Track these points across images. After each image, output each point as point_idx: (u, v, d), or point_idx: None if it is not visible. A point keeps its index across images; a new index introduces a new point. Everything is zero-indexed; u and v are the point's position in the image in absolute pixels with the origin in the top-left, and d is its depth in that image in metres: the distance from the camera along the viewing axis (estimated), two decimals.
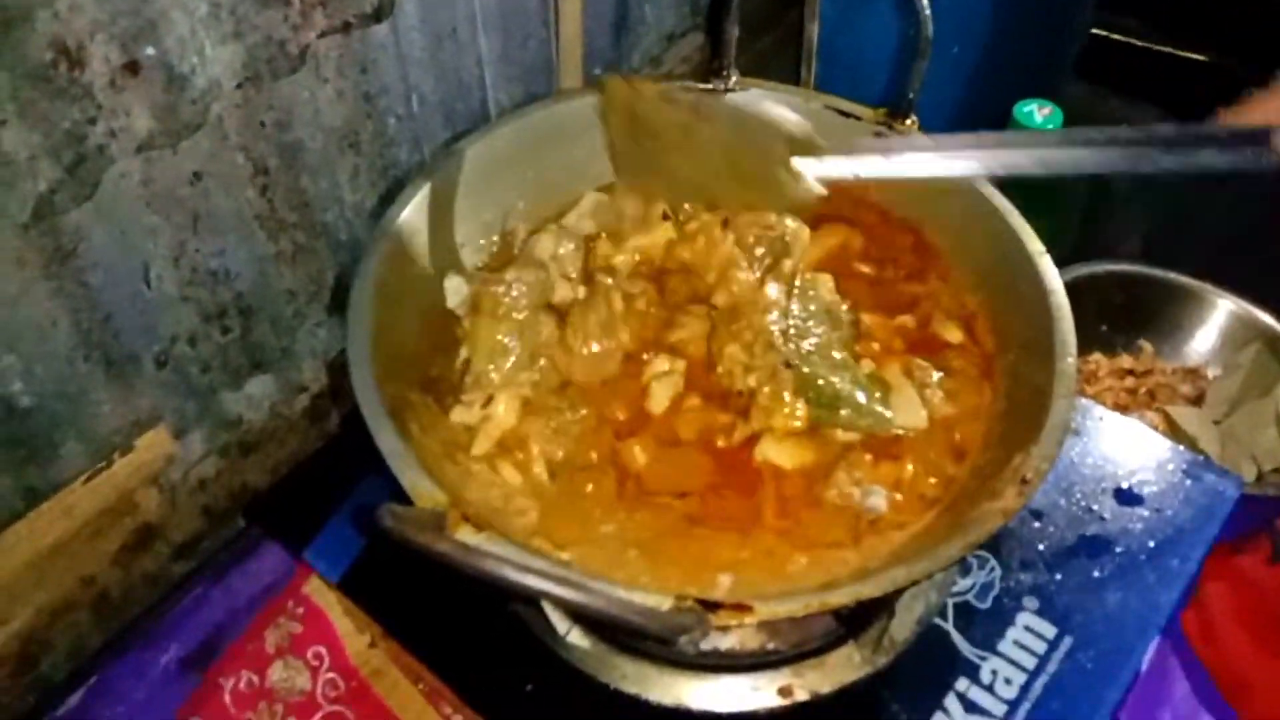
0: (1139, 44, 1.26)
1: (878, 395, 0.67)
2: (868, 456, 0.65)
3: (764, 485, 0.64)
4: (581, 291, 0.69)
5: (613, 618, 0.46)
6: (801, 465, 0.65)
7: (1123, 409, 1.03)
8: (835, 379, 0.66)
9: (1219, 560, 0.81)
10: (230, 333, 0.83)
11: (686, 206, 0.78)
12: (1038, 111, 0.97)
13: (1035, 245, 0.67)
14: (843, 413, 0.66)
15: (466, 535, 0.51)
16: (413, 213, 0.70)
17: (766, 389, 0.66)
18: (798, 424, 0.66)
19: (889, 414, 0.66)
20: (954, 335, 0.72)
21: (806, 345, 0.67)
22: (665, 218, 0.77)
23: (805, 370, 0.66)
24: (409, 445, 0.56)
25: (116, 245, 0.71)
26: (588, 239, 0.76)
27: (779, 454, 0.65)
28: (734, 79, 0.78)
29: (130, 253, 0.73)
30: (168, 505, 0.84)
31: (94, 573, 0.81)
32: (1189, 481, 0.79)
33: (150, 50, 0.67)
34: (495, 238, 0.77)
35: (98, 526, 0.79)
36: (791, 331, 0.67)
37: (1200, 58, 1.22)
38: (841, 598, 0.52)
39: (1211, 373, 1.09)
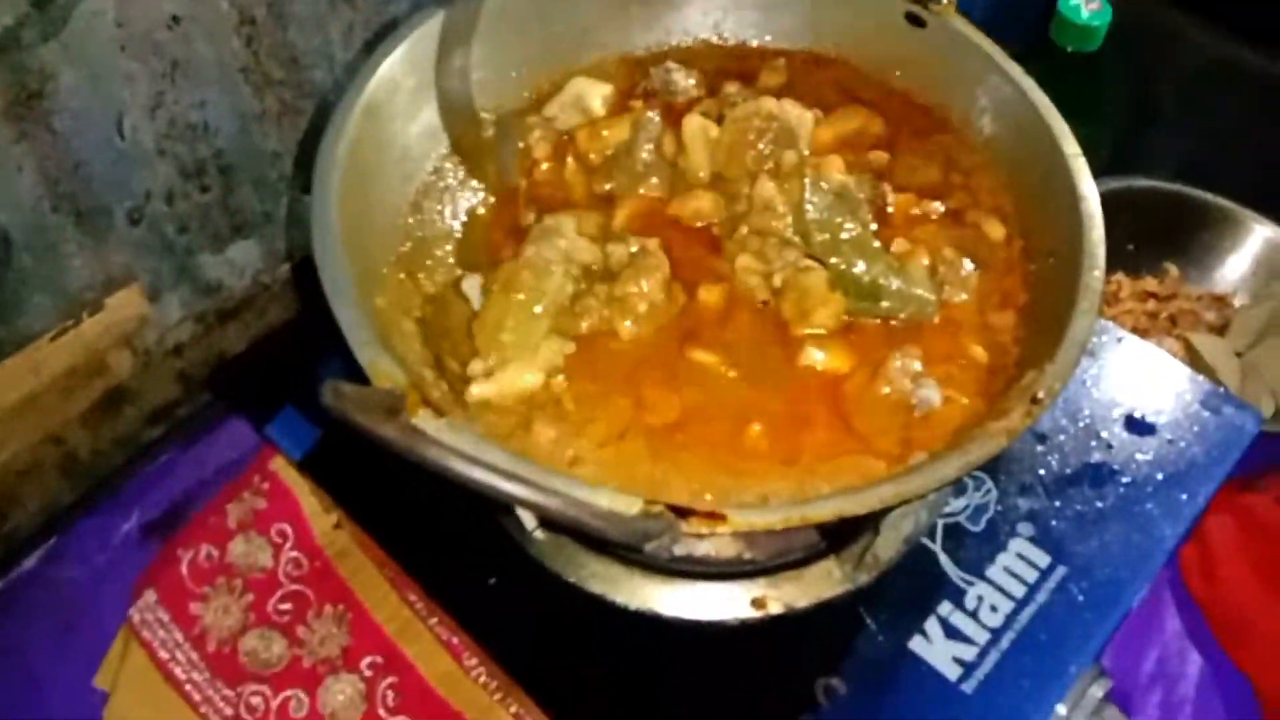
0: None
1: (916, 278, 0.62)
2: (915, 347, 0.61)
3: (811, 394, 0.60)
4: (615, 251, 0.63)
5: (572, 520, 0.43)
6: (852, 365, 0.61)
7: (1142, 333, 0.99)
8: (867, 267, 0.62)
9: (1226, 496, 0.78)
10: (210, 192, 0.80)
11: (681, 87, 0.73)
12: (1085, 5, 0.89)
13: (1071, 147, 0.61)
14: (884, 303, 0.62)
15: (425, 421, 0.47)
16: (396, 64, 0.64)
17: (794, 292, 0.61)
18: (836, 320, 0.62)
19: (932, 296, 0.62)
20: (995, 230, 0.66)
21: (826, 237, 0.62)
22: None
23: (834, 262, 0.61)
24: (372, 320, 0.52)
25: (87, 89, 0.68)
26: (568, 134, 0.72)
27: (826, 357, 0.61)
28: None
29: (102, 99, 0.69)
30: (140, 368, 0.83)
31: (62, 432, 0.79)
32: (1205, 413, 0.74)
33: None
34: (487, 102, 0.71)
35: (66, 385, 0.77)
36: (813, 224, 0.62)
37: None
38: (822, 512, 0.49)
39: (1239, 301, 1.05)
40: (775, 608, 0.65)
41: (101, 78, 0.68)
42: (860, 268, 0.61)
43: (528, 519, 0.63)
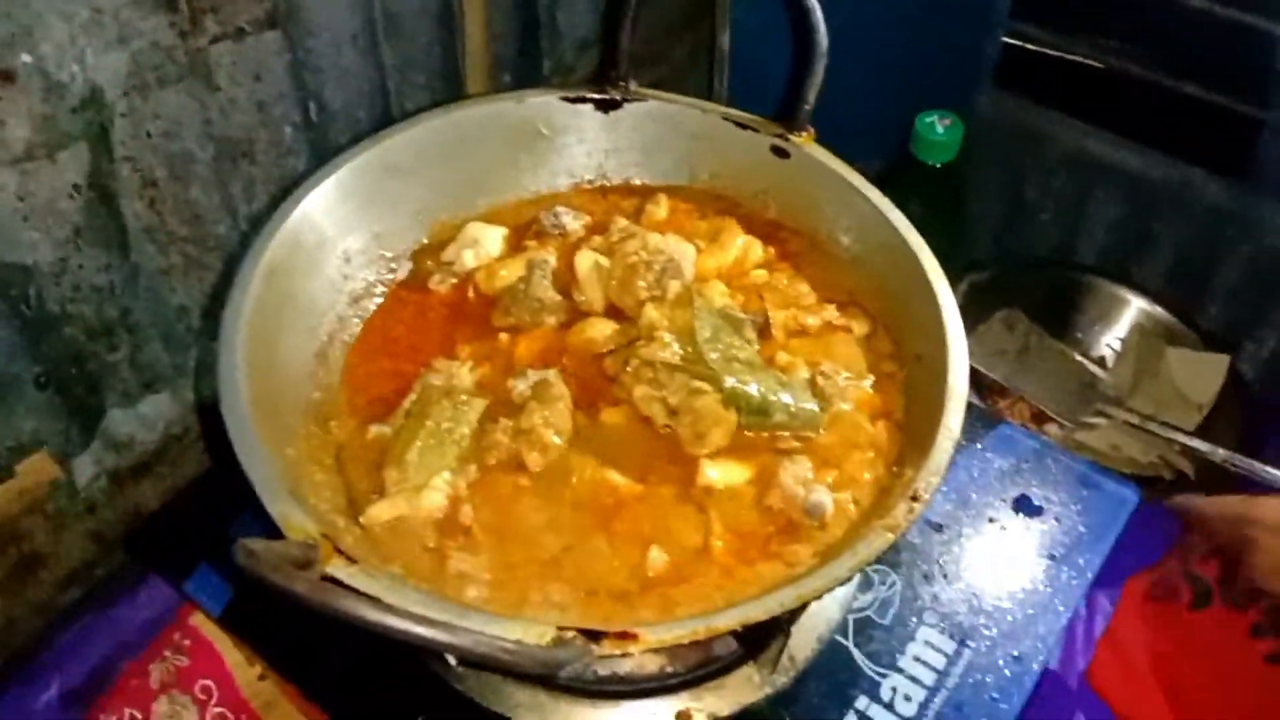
0: (1058, 54, 1.28)
1: (802, 393, 0.66)
2: (804, 457, 0.64)
3: (709, 513, 0.62)
4: (516, 385, 0.66)
5: (484, 656, 0.45)
6: (746, 478, 0.64)
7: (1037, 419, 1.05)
8: (758, 384, 0.65)
9: (1137, 596, 0.82)
10: (118, 351, 0.81)
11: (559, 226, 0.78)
12: (939, 123, 0.97)
13: (929, 261, 0.67)
14: (775, 417, 0.65)
15: (338, 569, 0.49)
16: (297, 223, 0.67)
17: (688, 415, 0.65)
18: (729, 438, 0.65)
19: (817, 408, 0.66)
20: (864, 335, 0.72)
21: (717, 356, 0.66)
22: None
23: (729, 382, 0.65)
24: (282, 472, 0.54)
25: None
26: (467, 275, 0.75)
27: (721, 474, 0.64)
28: (631, 88, 0.77)
29: (5, 270, 0.70)
30: (54, 531, 0.81)
31: None
32: (1086, 491, 0.79)
33: (26, 57, 0.65)
34: (385, 252, 0.75)
35: None
36: (706, 344, 0.66)
37: (1118, 68, 1.24)
38: (728, 621, 0.51)
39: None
40: (700, 719, 0.66)
41: (3, 250, 0.69)
42: (752, 386, 0.65)
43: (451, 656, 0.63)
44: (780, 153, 0.76)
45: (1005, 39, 1.26)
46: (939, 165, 0.98)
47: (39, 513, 0.79)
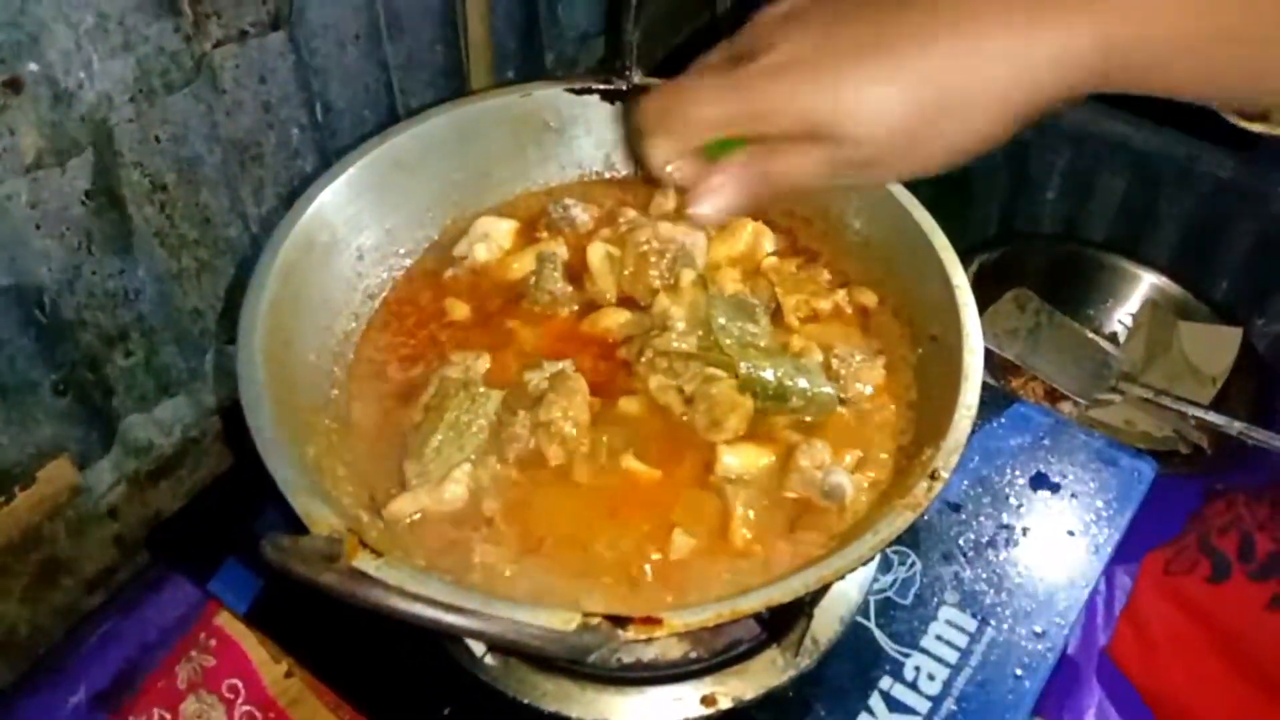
0: None
1: (817, 376, 0.66)
2: (821, 440, 0.64)
3: (728, 498, 0.62)
4: (533, 379, 0.66)
5: (513, 643, 0.45)
6: (766, 464, 0.64)
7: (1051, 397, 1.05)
8: (774, 369, 0.65)
9: (1156, 574, 0.82)
10: (133, 355, 0.81)
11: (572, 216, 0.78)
12: None
13: (940, 240, 0.67)
14: (791, 402, 0.65)
15: (364, 562, 0.49)
16: (309, 222, 0.67)
17: (704, 403, 0.65)
18: (745, 424, 0.65)
19: (833, 391, 0.66)
20: (877, 312, 0.72)
21: (732, 341, 0.66)
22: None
23: (744, 367, 0.65)
24: (304, 468, 0.54)
25: (4, 271, 0.69)
26: (479, 269, 0.75)
27: (741, 459, 0.64)
28: (636, 78, 0.77)
29: (21, 278, 0.70)
30: (76, 537, 0.82)
31: (0, 611, 0.78)
32: (1103, 466, 0.79)
33: (33, 66, 0.65)
34: (398, 248, 0.75)
35: (2, 563, 0.76)
36: (721, 331, 0.66)
37: None
38: (752, 604, 0.51)
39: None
40: (725, 703, 0.67)
41: (19, 258, 0.69)
42: (768, 372, 0.65)
43: (477, 646, 0.64)
44: None
45: None
46: None
47: (60, 519, 0.80)
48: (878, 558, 0.73)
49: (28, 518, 0.77)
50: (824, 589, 0.54)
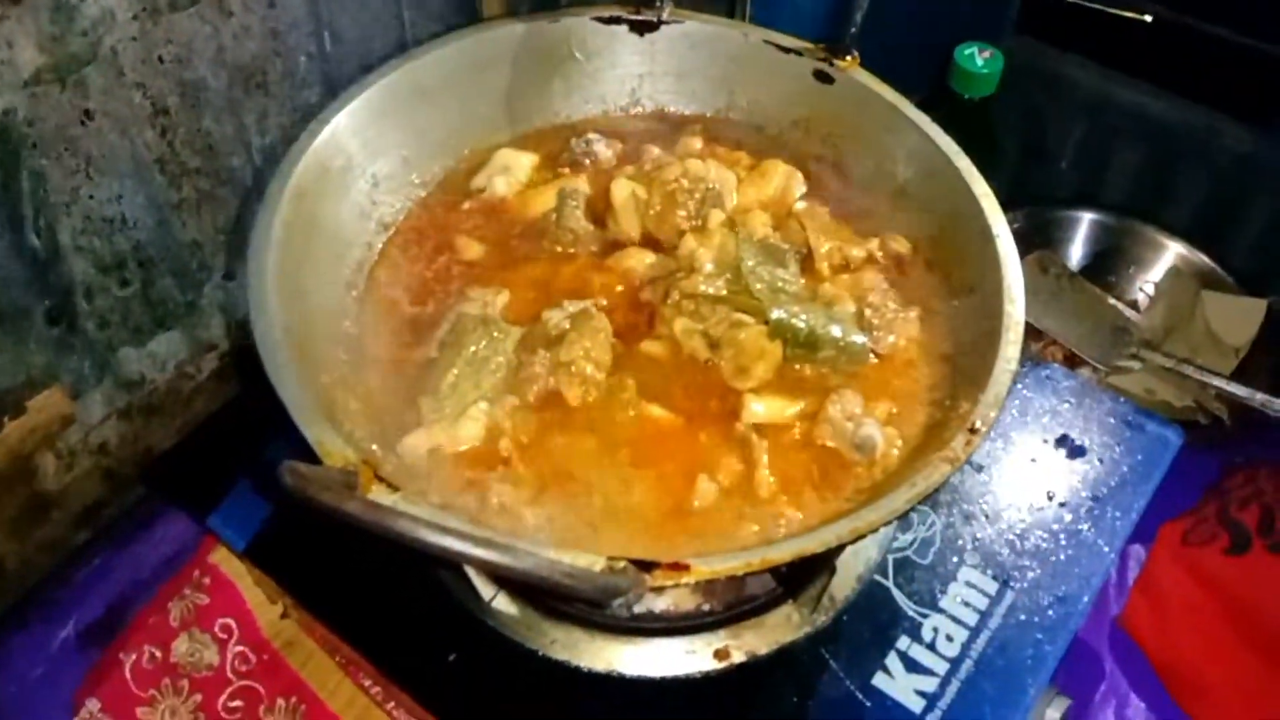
0: (1078, 1, 1.26)
1: (850, 326, 0.64)
2: (852, 390, 0.62)
3: (754, 448, 0.60)
4: (553, 317, 0.64)
5: (540, 581, 0.43)
6: (792, 412, 0.62)
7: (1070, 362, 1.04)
8: (807, 317, 0.63)
9: (1173, 543, 0.81)
10: (129, 285, 0.79)
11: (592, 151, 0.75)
12: (979, 55, 0.94)
13: (981, 187, 0.65)
14: (822, 351, 0.63)
15: (380, 496, 0.47)
16: (322, 147, 0.65)
17: (730, 349, 0.63)
18: (773, 372, 0.63)
19: (865, 341, 0.64)
20: (902, 246, 0.70)
21: (763, 286, 0.64)
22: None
23: (776, 314, 0.63)
24: (315, 398, 0.52)
25: None
26: (498, 203, 0.73)
27: (767, 409, 0.62)
28: (667, 10, 0.74)
29: (15, 198, 0.68)
30: (65, 470, 0.80)
31: None
32: (1130, 432, 0.78)
33: None
34: (414, 177, 0.72)
35: None
36: (751, 275, 0.64)
37: (1140, 17, 1.22)
38: (783, 554, 0.50)
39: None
40: (738, 657, 0.65)
41: (13, 178, 0.67)
42: (801, 319, 0.63)
43: (486, 590, 0.62)
44: (824, 78, 0.73)
45: None
46: (976, 99, 0.95)
47: (50, 450, 0.78)
48: None
49: (18, 447, 0.75)
50: (854, 541, 0.52)
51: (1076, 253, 1.15)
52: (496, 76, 0.75)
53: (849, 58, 0.72)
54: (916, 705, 0.64)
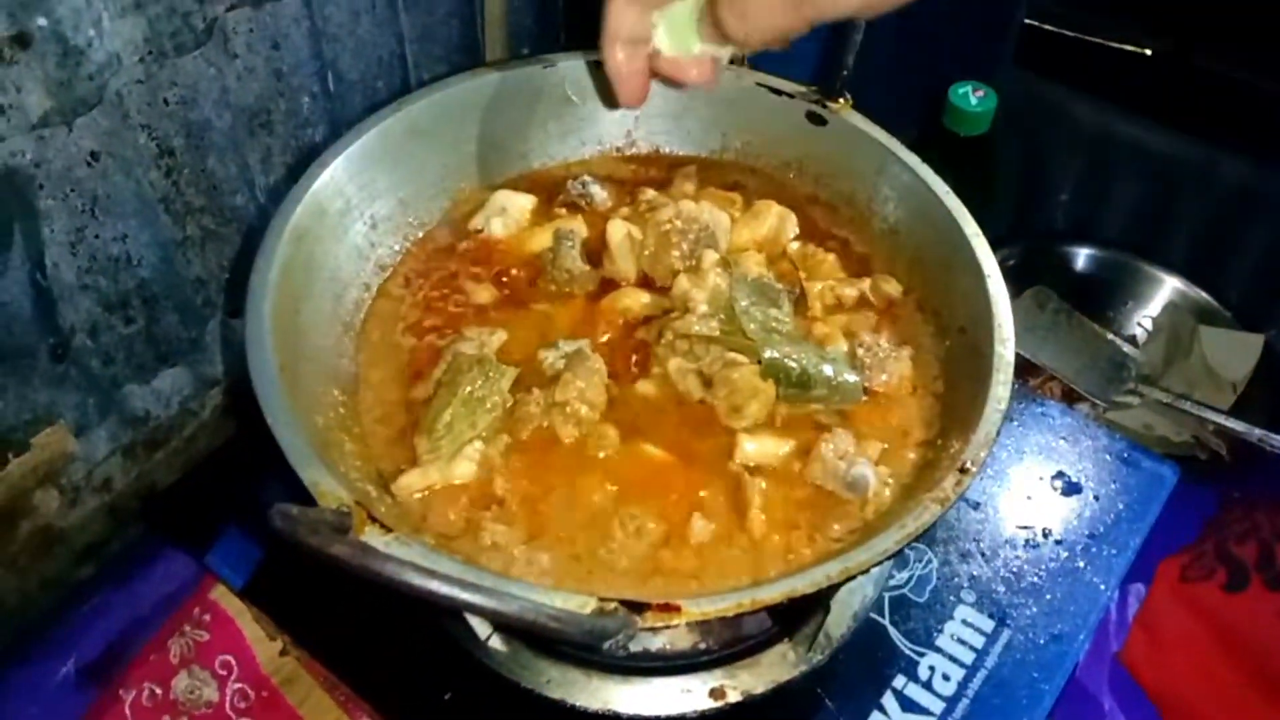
0: (1076, 35, 1.27)
1: (843, 365, 0.64)
2: (845, 430, 0.62)
3: (747, 488, 0.60)
4: (548, 356, 0.65)
5: (529, 625, 0.43)
6: (787, 453, 0.62)
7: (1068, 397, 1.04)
8: (799, 357, 0.63)
9: (1172, 580, 0.80)
10: (134, 323, 0.80)
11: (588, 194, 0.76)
12: (973, 94, 0.95)
13: (971, 228, 0.65)
14: (815, 391, 0.63)
15: (373, 537, 0.47)
16: (322, 189, 0.66)
17: (724, 388, 0.63)
18: (767, 412, 0.63)
19: (858, 380, 0.64)
20: (900, 303, 0.70)
21: (756, 326, 0.64)
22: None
23: (769, 354, 0.63)
24: (310, 439, 0.52)
25: (5, 230, 0.67)
26: (495, 243, 0.74)
27: (761, 449, 0.62)
28: None
29: (21, 238, 0.68)
30: (69, 507, 0.81)
31: None
32: (1126, 469, 0.78)
33: (42, 21, 0.63)
34: (411, 219, 0.73)
35: None
36: (744, 315, 0.64)
37: (1139, 51, 1.23)
38: (774, 594, 0.50)
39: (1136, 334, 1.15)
40: (734, 696, 0.65)
41: (18, 218, 0.68)
42: (793, 358, 0.63)
43: (482, 629, 0.62)
44: (817, 120, 0.74)
45: (1027, 20, 1.25)
46: (971, 138, 0.96)
47: (54, 486, 0.78)
48: None
49: (21, 483, 0.75)
50: (845, 582, 0.52)
51: (1074, 288, 1.15)
52: (493, 119, 0.75)
53: (841, 100, 0.73)
54: None
